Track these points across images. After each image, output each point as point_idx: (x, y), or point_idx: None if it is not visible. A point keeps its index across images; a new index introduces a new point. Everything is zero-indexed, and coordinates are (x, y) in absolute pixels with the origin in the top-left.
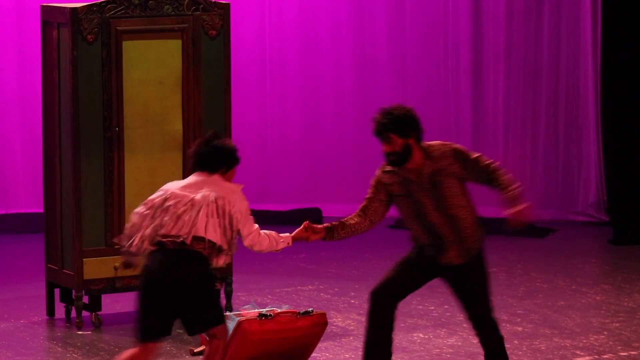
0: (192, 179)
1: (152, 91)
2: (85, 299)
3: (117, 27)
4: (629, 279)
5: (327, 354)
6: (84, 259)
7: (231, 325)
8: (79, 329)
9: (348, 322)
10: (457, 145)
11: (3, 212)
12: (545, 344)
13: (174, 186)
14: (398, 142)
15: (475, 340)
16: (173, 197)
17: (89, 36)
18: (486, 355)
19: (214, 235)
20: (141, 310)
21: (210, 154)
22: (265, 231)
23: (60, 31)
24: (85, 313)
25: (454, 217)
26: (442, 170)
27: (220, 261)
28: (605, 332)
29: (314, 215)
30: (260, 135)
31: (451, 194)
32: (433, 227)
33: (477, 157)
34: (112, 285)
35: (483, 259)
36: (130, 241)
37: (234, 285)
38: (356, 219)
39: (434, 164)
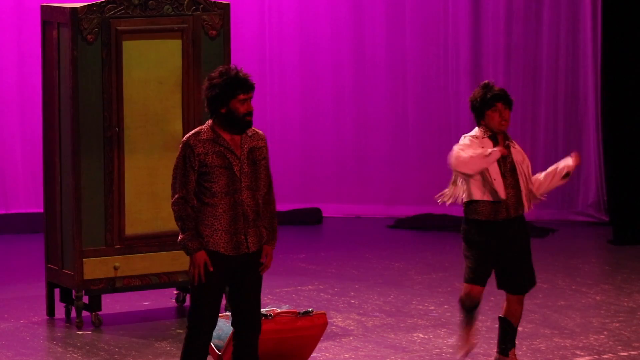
0: None
1: (152, 91)
2: (85, 299)
3: (117, 27)
4: (629, 279)
5: (327, 354)
6: (84, 259)
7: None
8: (79, 329)
9: (348, 322)
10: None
11: (3, 212)
12: (545, 344)
13: None
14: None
15: (474, 340)
16: None
17: (89, 36)
18: (238, 351)
19: None
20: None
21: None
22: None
23: (60, 31)
24: (85, 313)
25: (258, 199)
26: (258, 150)
27: None
28: (605, 332)
29: (314, 215)
30: None
31: (261, 176)
32: (241, 206)
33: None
34: (112, 285)
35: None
36: None
37: None
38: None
39: (252, 141)
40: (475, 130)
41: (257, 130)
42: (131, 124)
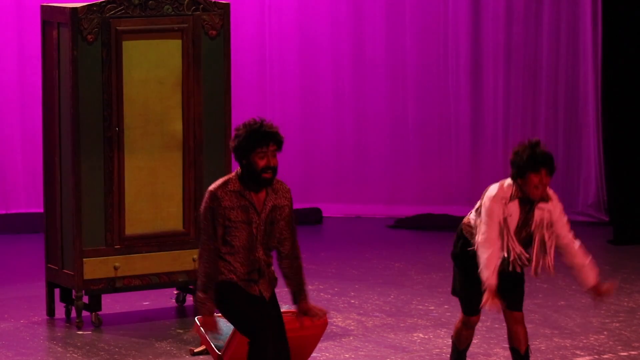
0: None
1: (152, 91)
2: (85, 299)
3: (117, 27)
4: (629, 279)
5: (327, 354)
6: (84, 259)
7: (231, 325)
8: (79, 329)
9: (348, 322)
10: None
11: (3, 212)
12: (545, 344)
13: None
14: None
15: (475, 340)
16: None
17: (89, 36)
18: None
19: None
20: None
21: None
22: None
23: (60, 31)
24: (85, 313)
25: (269, 251)
26: (279, 209)
27: None
28: (605, 332)
29: (314, 215)
30: None
31: (275, 234)
32: (258, 262)
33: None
34: (112, 285)
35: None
36: None
37: None
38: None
39: (276, 198)
40: (509, 185)
41: (284, 183)
42: (131, 124)
